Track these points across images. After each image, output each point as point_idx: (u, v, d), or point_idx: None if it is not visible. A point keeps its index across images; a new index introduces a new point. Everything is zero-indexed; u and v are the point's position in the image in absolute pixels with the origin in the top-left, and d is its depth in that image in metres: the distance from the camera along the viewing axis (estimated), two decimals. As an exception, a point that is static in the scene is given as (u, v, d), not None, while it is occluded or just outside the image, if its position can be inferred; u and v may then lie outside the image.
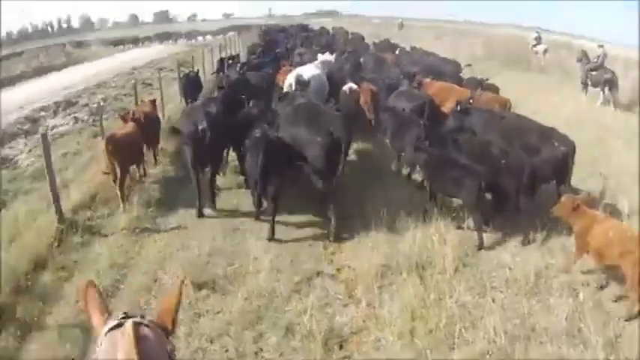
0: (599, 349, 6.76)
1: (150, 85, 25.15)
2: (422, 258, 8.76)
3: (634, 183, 12.27)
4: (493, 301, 7.83)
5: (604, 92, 22.99)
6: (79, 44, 59.99)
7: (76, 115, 22.64)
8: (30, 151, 17.06)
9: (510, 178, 9.91)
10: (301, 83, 14.35)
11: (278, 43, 32.30)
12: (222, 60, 23.80)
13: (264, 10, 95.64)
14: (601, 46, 24.34)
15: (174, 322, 2.25)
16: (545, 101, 20.84)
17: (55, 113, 23.49)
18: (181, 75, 20.10)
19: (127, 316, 2.10)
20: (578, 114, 19.67)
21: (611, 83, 22.84)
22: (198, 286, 8.06)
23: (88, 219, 10.58)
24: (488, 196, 10.37)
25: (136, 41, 60.04)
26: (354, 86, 15.46)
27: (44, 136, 10.42)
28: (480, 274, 8.59)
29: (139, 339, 1.91)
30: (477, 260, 9.06)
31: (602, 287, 8.28)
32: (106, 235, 10.03)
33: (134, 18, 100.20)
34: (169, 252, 9.43)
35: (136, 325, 2.00)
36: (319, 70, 15.68)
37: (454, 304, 7.61)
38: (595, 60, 23.87)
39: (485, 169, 9.70)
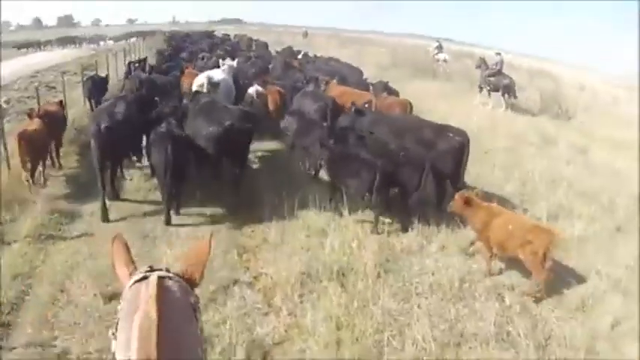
0: (530, 352, 6.70)
1: (53, 88, 23.88)
2: (342, 265, 8.42)
3: (549, 188, 12.48)
4: (419, 307, 7.58)
5: (504, 97, 24.07)
6: (-20, 47, 57.26)
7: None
8: None
9: (410, 171, 10.17)
10: (212, 84, 14.63)
11: (184, 49, 32.23)
12: (130, 64, 23.31)
13: (168, 17, 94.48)
14: (498, 54, 25.57)
15: (201, 275, 2.26)
16: (454, 109, 21.24)
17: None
18: (85, 78, 19.36)
19: (152, 270, 2.11)
20: (489, 121, 20.21)
21: (509, 88, 24.01)
22: (109, 298, 7.33)
23: (-11, 225, 9.67)
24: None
25: (39, 45, 57.62)
26: (260, 89, 15.94)
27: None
28: (403, 280, 8.34)
29: (162, 290, 1.93)
30: (399, 266, 8.78)
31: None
32: (8, 243, 9.07)
33: (38, 21, 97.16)
34: (76, 261, 8.62)
35: (161, 278, 2.01)
36: (226, 75, 15.98)
37: (379, 311, 7.29)
38: (493, 67, 25.00)
39: (383, 161, 9.99)
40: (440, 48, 37.55)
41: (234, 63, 17.59)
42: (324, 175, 11.85)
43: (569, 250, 9.79)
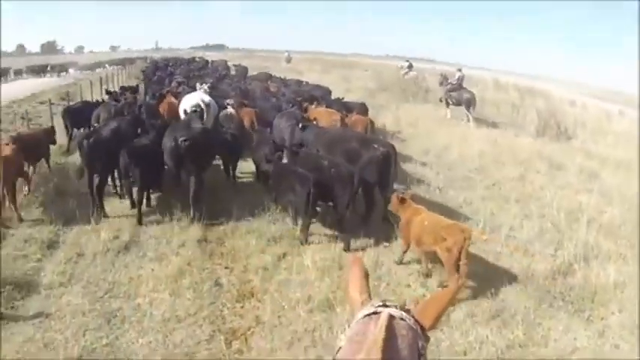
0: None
1: (30, 120, 22.14)
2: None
3: (569, 223, 11.84)
4: None
5: (469, 111, 25.28)
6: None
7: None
8: None
9: (341, 185, 10.40)
10: (206, 105, 15.59)
11: (166, 76, 32.31)
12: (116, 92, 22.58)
13: (151, 43, 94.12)
14: (459, 70, 27.04)
15: (435, 321, 2.09)
16: (452, 135, 20.94)
17: None
18: (64, 108, 18.92)
19: (384, 305, 2.02)
20: (490, 146, 19.56)
21: (470, 102, 25.29)
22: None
23: None
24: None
25: (19, 72, 55.37)
26: (232, 110, 17.44)
27: None
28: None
29: (389, 333, 1.84)
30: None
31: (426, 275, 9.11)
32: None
33: (21, 48, 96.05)
34: (31, 353, 6.67)
35: (391, 318, 1.91)
36: (208, 97, 16.98)
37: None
38: (454, 82, 26.47)
39: (315, 176, 10.27)
40: (410, 67, 39.03)
41: (207, 87, 19.40)
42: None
43: (607, 303, 8.51)
